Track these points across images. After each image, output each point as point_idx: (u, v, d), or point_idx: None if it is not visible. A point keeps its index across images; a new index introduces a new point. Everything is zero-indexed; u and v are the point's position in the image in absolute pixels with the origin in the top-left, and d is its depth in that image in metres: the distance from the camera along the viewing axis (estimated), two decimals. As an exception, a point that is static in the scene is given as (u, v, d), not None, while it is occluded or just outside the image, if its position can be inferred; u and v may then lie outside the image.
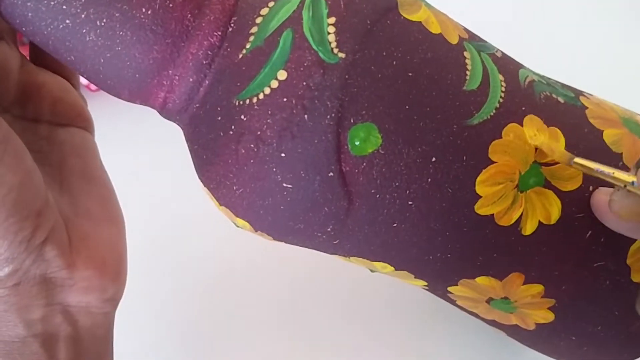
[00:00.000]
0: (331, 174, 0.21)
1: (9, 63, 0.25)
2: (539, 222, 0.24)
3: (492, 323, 0.29)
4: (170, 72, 0.22)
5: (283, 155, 0.21)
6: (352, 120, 0.21)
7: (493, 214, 0.24)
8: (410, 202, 0.23)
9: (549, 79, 0.27)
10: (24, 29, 0.22)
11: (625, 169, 0.25)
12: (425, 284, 0.27)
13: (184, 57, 0.22)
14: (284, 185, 0.22)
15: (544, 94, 0.25)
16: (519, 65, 0.26)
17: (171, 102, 0.23)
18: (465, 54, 0.23)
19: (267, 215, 0.23)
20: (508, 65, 0.25)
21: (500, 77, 0.24)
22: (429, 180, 0.22)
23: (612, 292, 0.25)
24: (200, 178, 0.25)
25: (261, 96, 0.21)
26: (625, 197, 0.22)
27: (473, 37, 0.25)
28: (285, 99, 0.21)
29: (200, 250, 0.39)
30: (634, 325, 0.26)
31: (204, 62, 0.22)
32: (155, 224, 0.39)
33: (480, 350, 0.37)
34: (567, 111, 0.25)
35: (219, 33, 0.22)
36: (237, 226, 0.26)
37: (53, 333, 0.24)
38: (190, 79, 0.22)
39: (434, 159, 0.22)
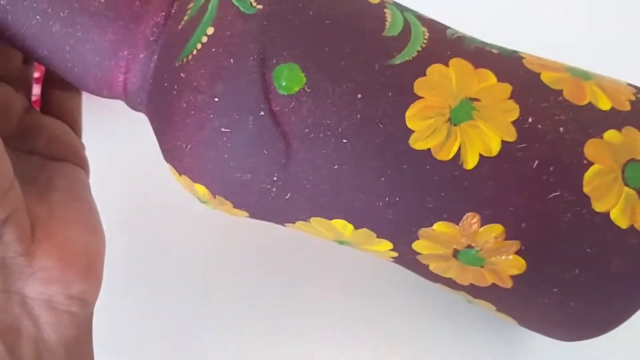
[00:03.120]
0: (262, 113, 0.24)
1: (11, 105, 0.28)
2: (480, 154, 0.25)
3: (473, 291, 0.29)
4: (125, 52, 0.26)
5: (217, 99, 0.24)
6: (274, 61, 0.23)
7: (430, 149, 0.24)
8: (344, 140, 0.24)
9: (493, 44, 0.29)
10: (6, 34, 0.26)
11: (566, 103, 0.26)
12: (391, 245, 0.27)
13: (134, 37, 0.25)
14: (222, 130, 0.24)
15: (474, 45, 0.27)
16: (447, 27, 0.28)
17: (130, 82, 0.26)
18: (385, 10, 0.26)
19: (215, 169, 0.25)
20: (434, 25, 0.27)
21: (423, 29, 0.26)
22: (358, 116, 0.24)
23: (576, 226, 0.25)
24: (164, 156, 0.27)
25: (194, 52, 0.24)
26: None
27: (398, 4, 0.27)
28: (213, 49, 0.24)
29: (193, 249, 0.40)
30: (612, 263, 0.25)
31: (151, 38, 0.25)
32: (147, 222, 0.40)
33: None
34: (500, 59, 0.27)
35: (163, 14, 0.26)
36: (202, 203, 0.28)
37: (12, 326, 0.23)
38: (142, 55, 0.26)
39: (359, 96, 0.24)
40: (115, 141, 0.43)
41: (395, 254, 0.28)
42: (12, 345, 0.23)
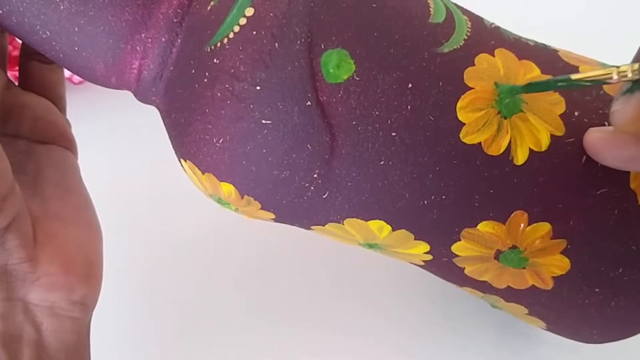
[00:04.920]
0: (309, 102, 0.21)
1: None
2: (530, 149, 0.23)
3: (508, 294, 0.27)
4: (142, 35, 0.23)
5: (258, 88, 0.21)
6: (322, 46, 0.21)
7: (480, 143, 0.23)
8: (393, 134, 0.22)
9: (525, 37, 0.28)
10: (0, 11, 0.23)
11: (608, 97, 0.25)
12: (428, 248, 0.26)
13: (155, 18, 0.23)
14: (263, 122, 0.21)
15: (512, 36, 0.26)
16: (482, 17, 0.27)
17: (146, 68, 0.23)
18: (426, -4, 0.24)
19: (250, 166, 0.22)
20: (471, 13, 0.26)
21: (465, 17, 0.25)
22: (409, 107, 0.22)
23: (623, 223, 0.24)
24: (179, 153, 0.25)
25: (231, 35, 0.22)
26: (627, 101, 0.20)
27: None
28: (254, 32, 0.21)
29: (188, 245, 0.38)
30: (658, 262, 0.25)
31: (175, 20, 0.23)
32: (140, 218, 0.38)
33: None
34: (538, 50, 0.26)
35: None
36: (222, 205, 0.26)
37: (15, 334, 0.23)
38: (163, 39, 0.23)
39: (410, 85, 0.22)
40: (111, 135, 0.41)
41: (429, 257, 0.27)
42: (14, 354, 0.23)
